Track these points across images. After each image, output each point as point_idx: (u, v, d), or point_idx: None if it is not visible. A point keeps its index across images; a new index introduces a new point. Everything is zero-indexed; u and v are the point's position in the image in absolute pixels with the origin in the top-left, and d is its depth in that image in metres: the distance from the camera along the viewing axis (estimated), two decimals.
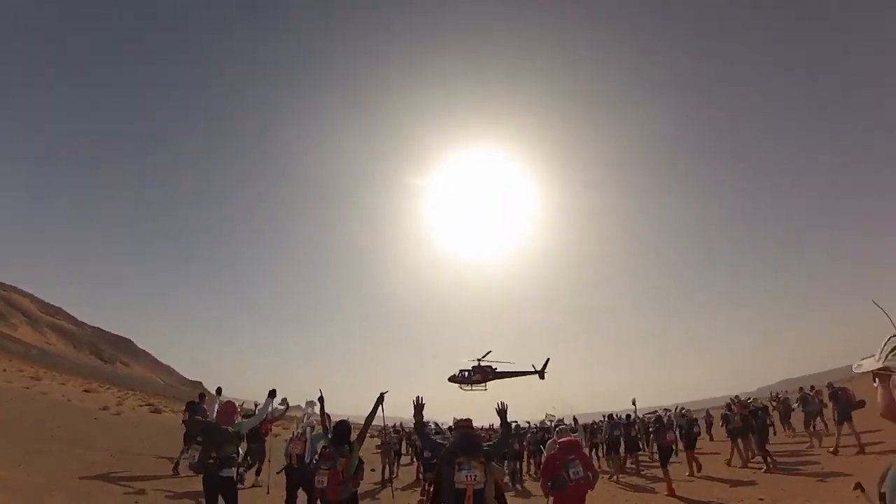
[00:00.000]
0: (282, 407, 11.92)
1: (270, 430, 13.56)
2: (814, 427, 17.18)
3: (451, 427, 12.16)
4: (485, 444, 4.94)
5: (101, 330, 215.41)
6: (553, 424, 12.53)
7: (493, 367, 31.22)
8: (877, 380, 1.66)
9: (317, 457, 6.02)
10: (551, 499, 6.03)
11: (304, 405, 9.77)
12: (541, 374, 31.93)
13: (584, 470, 5.80)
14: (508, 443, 5.92)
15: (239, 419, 6.90)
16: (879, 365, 1.66)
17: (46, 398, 29.64)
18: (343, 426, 6.04)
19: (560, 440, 6.29)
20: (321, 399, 7.43)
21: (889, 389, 1.59)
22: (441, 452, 4.93)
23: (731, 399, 17.08)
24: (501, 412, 5.39)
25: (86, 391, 45.09)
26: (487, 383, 31.04)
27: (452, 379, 31.55)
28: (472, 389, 30.97)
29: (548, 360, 32.82)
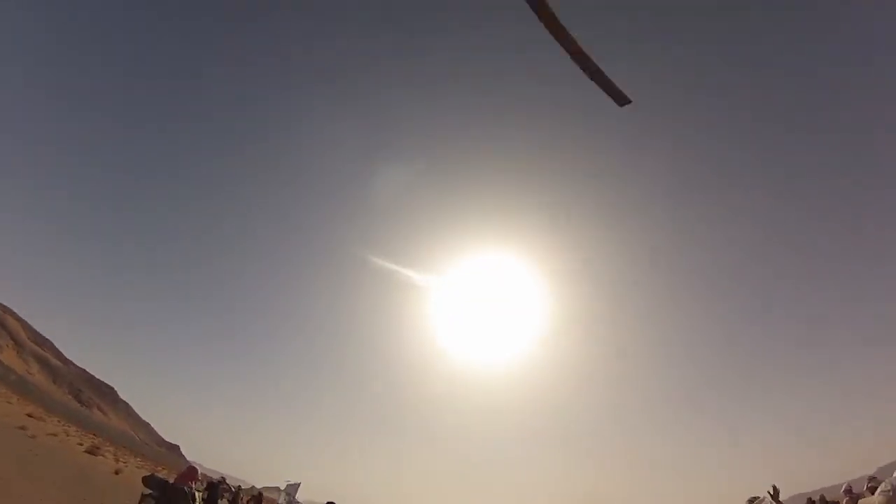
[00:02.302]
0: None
1: None
2: None
3: None
4: None
5: (87, 372, 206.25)
6: None
7: None
8: None
9: None
10: None
11: (282, 486, 10.17)
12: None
13: None
14: None
15: (196, 485, 6.83)
16: None
17: None
18: None
19: None
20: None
21: None
22: None
23: None
24: None
25: (28, 415, 39.66)
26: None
27: None
28: None
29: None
